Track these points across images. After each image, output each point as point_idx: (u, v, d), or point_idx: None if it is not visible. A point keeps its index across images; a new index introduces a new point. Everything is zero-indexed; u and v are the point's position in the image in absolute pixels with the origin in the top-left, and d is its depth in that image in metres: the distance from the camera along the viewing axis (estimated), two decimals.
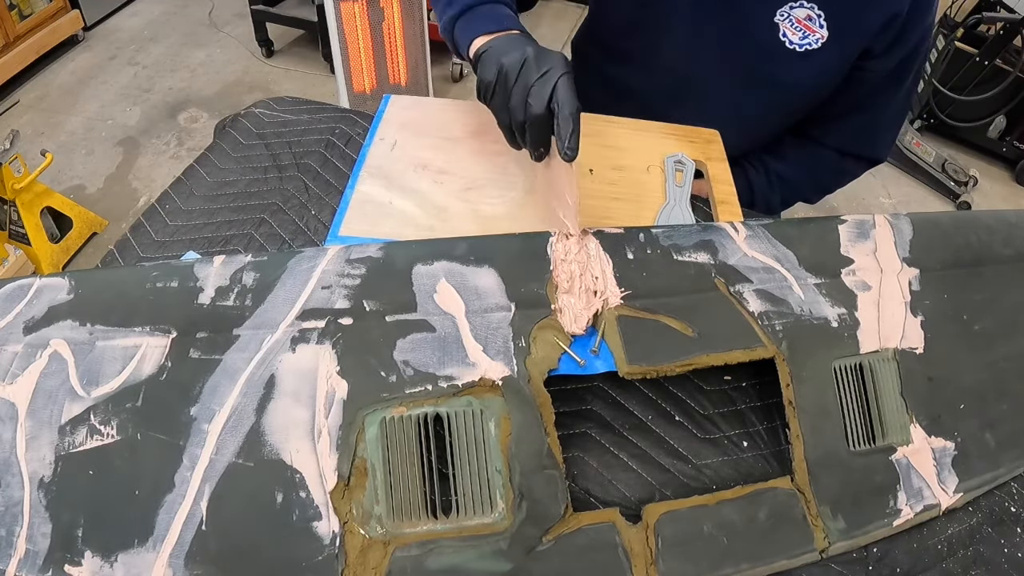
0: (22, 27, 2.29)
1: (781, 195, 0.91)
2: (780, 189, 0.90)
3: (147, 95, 2.41)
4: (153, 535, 0.41)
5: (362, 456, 0.43)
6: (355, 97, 2.07)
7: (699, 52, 0.78)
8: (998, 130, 2.34)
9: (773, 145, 0.90)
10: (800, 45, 0.72)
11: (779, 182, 0.89)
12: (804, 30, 0.71)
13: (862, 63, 0.75)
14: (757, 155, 0.90)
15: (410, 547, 0.42)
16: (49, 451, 0.42)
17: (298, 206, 0.73)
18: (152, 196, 1.93)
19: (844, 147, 0.86)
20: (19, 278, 0.49)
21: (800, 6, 0.71)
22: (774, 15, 0.72)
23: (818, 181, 0.91)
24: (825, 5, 0.70)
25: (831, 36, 0.71)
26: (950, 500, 0.51)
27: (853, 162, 0.88)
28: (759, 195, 0.90)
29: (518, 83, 0.54)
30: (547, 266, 0.52)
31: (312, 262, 0.50)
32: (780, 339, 0.51)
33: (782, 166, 0.89)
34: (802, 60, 0.73)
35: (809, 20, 0.71)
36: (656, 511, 0.46)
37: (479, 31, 0.62)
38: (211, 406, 0.44)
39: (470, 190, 0.66)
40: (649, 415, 0.55)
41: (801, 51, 0.73)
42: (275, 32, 2.62)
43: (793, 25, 0.72)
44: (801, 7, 0.71)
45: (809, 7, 0.71)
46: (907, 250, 0.59)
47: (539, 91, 0.53)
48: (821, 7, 0.71)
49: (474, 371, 0.46)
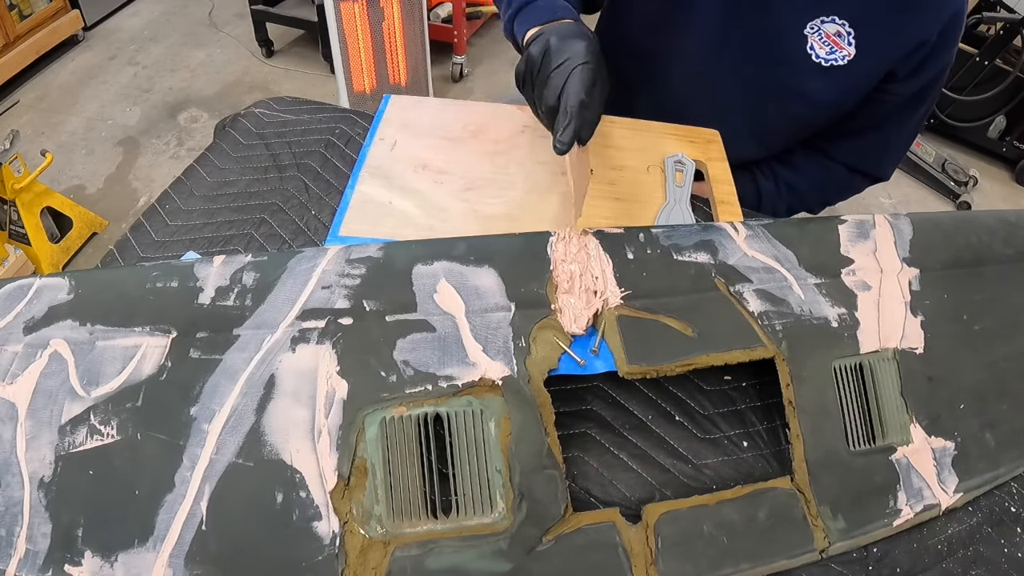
0: (22, 27, 2.29)
1: (788, 203, 0.91)
2: (788, 198, 0.90)
3: (147, 95, 2.41)
4: (153, 535, 0.41)
5: (362, 456, 0.43)
6: (355, 97, 2.07)
7: (723, 56, 0.78)
8: (998, 130, 2.33)
9: (785, 155, 0.90)
10: (826, 60, 0.72)
11: (788, 191, 0.90)
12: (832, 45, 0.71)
13: (885, 85, 0.75)
14: (768, 163, 0.90)
15: (410, 547, 0.42)
16: (49, 451, 0.42)
17: (298, 206, 0.73)
18: (152, 196, 1.93)
19: (854, 164, 0.86)
20: (19, 278, 0.49)
21: (832, 21, 0.71)
22: (804, 27, 0.72)
23: (824, 193, 0.92)
24: (856, 23, 0.70)
25: (858, 54, 0.71)
26: (950, 500, 0.51)
27: (860, 179, 0.88)
28: (766, 201, 0.90)
29: (540, 73, 0.55)
30: (547, 266, 0.52)
31: (312, 262, 0.50)
32: (780, 339, 0.51)
33: (793, 176, 0.89)
34: (826, 75, 0.73)
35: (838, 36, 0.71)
36: (656, 511, 0.46)
37: (532, 23, 0.63)
38: (211, 406, 0.44)
39: (470, 190, 0.66)
40: (649, 415, 0.55)
41: (827, 66, 0.72)
42: (275, 32, 2.62)
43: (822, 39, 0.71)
44: (832, 23, 0.71)
45: (840, 23, 0.71)
46: (907, 250, 0.59)
47: (554, 82, 0.54)
48: (852, 25, 0.70)
49: (474, 371, 0.46)
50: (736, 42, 0.76)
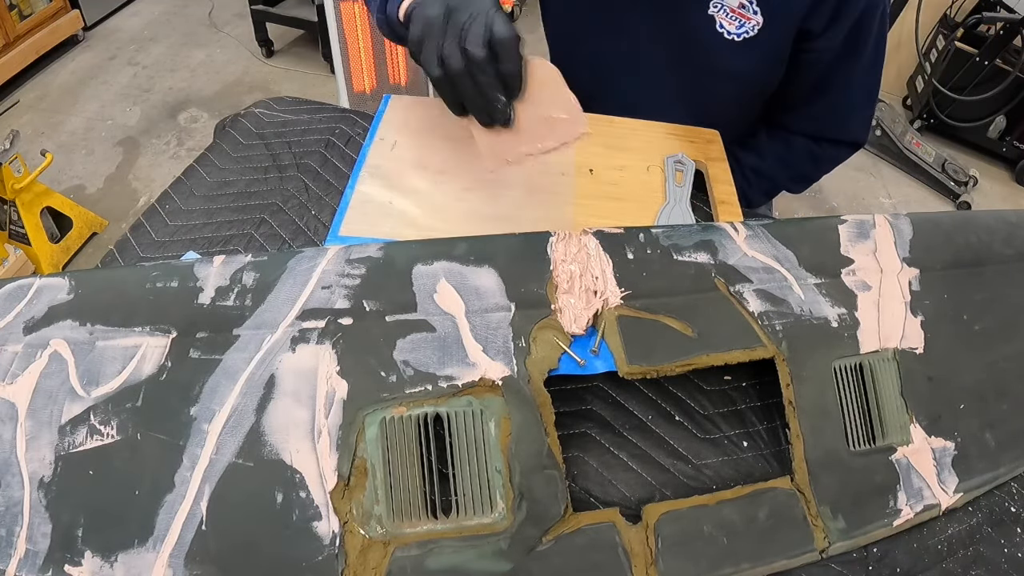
0: (22, 27, 2.30)
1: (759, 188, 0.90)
2: (756, 182, 0.89)
3: (147, 95, 2.41)
4: (153, 535, 0.41)
5: (362, 456, 0.43)
6: (355, 97, 2.07)
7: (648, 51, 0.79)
8: (998, 130, 2.34)
9: (748, 139, 0.90)
10: (738, 35, 0.72)
11: (755, 176, 0.88)
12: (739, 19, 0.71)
13: (806, 45, 0.74)
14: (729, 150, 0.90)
15: (410, 547, 0.42)
16: (49, 451, 0.42)
17: (298, 206, 0.73)
18: (152, 196, 1.93)
19: (815, 132, 0.85)
20: (19, 278, 0.49)
21: None
22: (708, 7, 0.72)
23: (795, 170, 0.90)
24: None
25: (766, 21, 0.71)
26: (950, 500, 0.51)
27: (830, 147, 0.86)
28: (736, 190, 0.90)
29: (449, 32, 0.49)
30: (547, 266, 0.52)
31: (312, 262, 0.51)
32: (780, 339, 0.51)
33: (755, 160, 0.88)
34: (742, 49, 0.73)
35: (742, 8, 0.71)
36: (656, 511, 0.46)
37: None
38: (211, 406, 0.44)
39: (470, 190, 0.66)
40: (649, 415, 0.55)
41: (740, 40, 0.72)
42: (275, 32, 2.62)
43: (728, 15, 0.71)
44: None
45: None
46: (907, 250, 0.59)
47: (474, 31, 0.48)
48: None
49: (474, 371, 0.46)
50: (651, 35, 0.77)
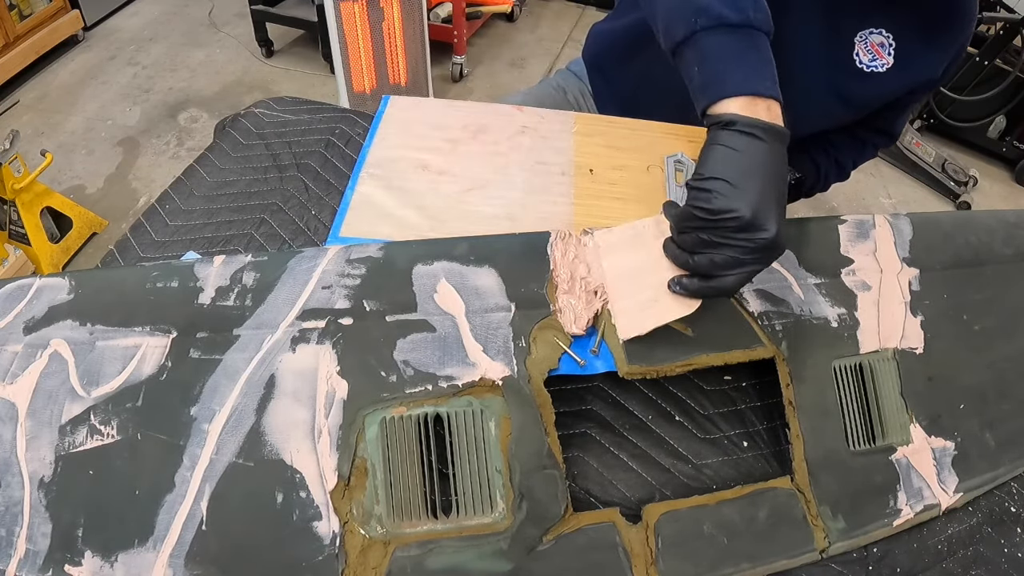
0: (22, 27, 2.29)
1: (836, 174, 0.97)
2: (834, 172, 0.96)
3: (147, 95, 2.41)
4: (153, 535, 0.41)
5: (362, 456, 0.43)
6: (355, 97, 2.07)
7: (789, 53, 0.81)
8: (998, 130, 2.34)
9: None
10: (868, 66, 0.77)
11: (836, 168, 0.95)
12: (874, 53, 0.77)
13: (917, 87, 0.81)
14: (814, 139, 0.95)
15: (410, 547, 0.42)
16: (49, 451, 0.42)
17: (298, 206, 0.73)
18: (152, 196, 1.92)
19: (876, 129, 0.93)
20: (19, 278, 0.49)
21: (879, 33, 0.76)
22: (855, 35, 0.77)
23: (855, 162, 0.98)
24: (898, 36, 0.76)
25: (895, 64, 0.76)
26: (950, 500, 0.51)
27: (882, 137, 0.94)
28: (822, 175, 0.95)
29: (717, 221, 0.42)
30: (547, 266, 0.52)
31: (312, 262, 0.50)
32: (780, 339, 0.51)
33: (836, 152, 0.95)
34: (864, 79, 0.78)
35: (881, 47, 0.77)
36: (656, 511, 0.46)
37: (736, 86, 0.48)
38: (211, 406, 0.44)
39: (470, 190, 0.66)
40: (649, 415, 0.55)
41: (867, 72, 0.77)
42: (275, 32, 2.62)
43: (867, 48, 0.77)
44: (880, 34, 0.76)
45: (886, 36, 0.76)
46: (907, 250, 0.59)
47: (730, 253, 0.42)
48: (895, 37, 0.76)
49: (474, 371, 0.46)
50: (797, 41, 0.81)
